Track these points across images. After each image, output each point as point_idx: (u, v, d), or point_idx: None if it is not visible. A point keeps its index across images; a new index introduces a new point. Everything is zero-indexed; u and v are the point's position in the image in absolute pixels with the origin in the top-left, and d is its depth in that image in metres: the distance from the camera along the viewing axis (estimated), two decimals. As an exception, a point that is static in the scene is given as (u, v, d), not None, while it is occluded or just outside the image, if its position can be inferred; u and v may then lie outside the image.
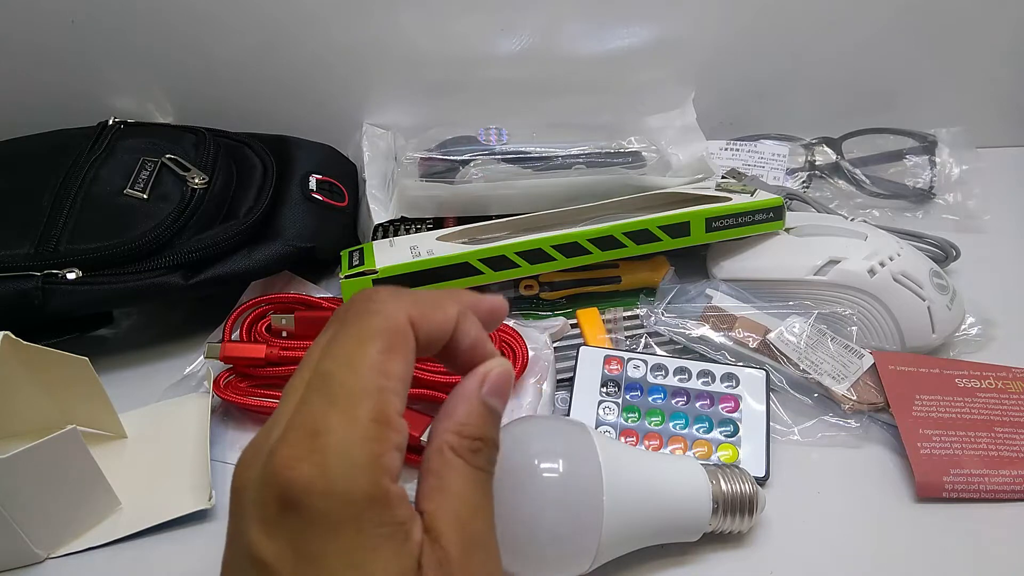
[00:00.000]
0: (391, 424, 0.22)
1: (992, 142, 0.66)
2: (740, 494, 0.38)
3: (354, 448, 0.21)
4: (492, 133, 0.58)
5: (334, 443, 0.21)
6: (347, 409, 0.22)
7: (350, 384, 0.22)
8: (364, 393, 0.22)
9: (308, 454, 0.21)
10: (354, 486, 0.21)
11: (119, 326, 0.53)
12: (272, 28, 0.59)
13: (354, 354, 0.23)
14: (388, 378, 0.23)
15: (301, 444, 0.21)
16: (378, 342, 0.23)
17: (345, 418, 0.22)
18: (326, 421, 0.22)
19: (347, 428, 0.22)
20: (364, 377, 0.22)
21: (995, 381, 0.46)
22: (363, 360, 0.23)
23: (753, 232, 0.50)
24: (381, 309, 0.24)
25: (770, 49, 0.62)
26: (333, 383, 0.22)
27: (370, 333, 0.23)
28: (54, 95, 0.61)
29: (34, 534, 0.38)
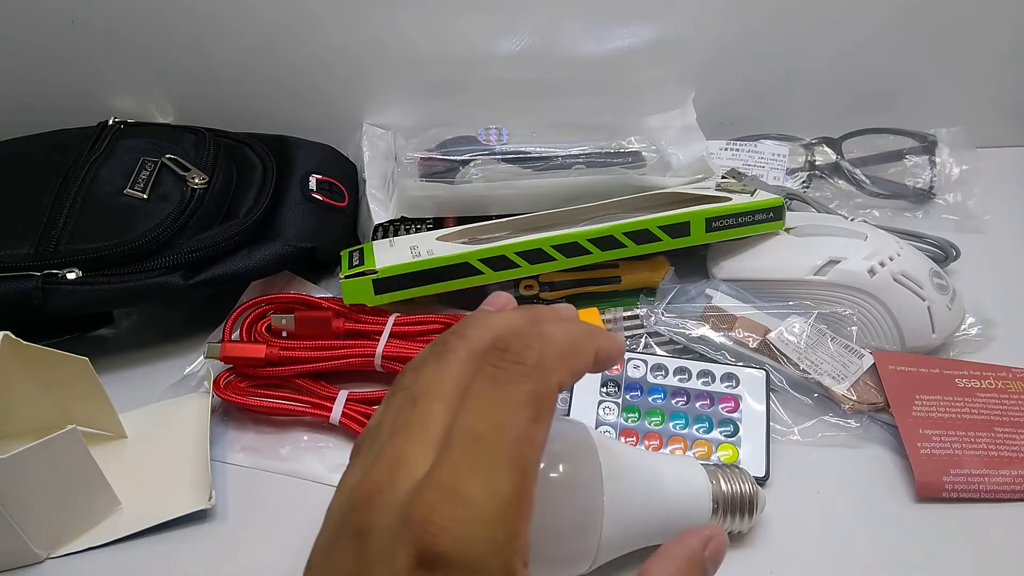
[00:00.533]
0: (529, 499, 0.22)
1: (992, 142, 0.66)
2: (740, 494, 0.38)
3: (495, 523, 0.21)
4: (492, 133, 0.58)
5: (477, 512, 0.21)
6: (492, 478, 0.21)
7: (499, 451, 0.22)
8: (510, 464, 0.22)
9: (451, 522, 0.21)
10: (488, 564, 0.21)
11: (119, 326, 0.53)
12: (272, 28, 0.59)
13: (505, 418, 0.22)
14: (533, 448, 0.22)
15: (443, 509, 0.21)
16: (530, 409, 0.22)
17: (489, 489, 0.21)
18: (469, 487, 0.21)
19: (490, 500, 0.21)
20: (512, 447, 0.22)
21: (995, 381, 0.46)
22: (514, 427, 0.22)
23: (753, 232, 0.50)
24: (535, 374, 0.23)
25: (770, 49, 0.62)
26: (481, 446, 0.22)
27: (524, 399, 0.22)
28: (54, 95, 0.61)
29: (34, 534, 0.38)
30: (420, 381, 0.25)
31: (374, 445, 0.24)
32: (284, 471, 0.44)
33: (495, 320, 0.26)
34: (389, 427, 0.24)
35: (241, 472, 0.44)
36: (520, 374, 0.23)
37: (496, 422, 0.22)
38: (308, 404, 0.46)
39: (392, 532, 0.21)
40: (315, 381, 0.47)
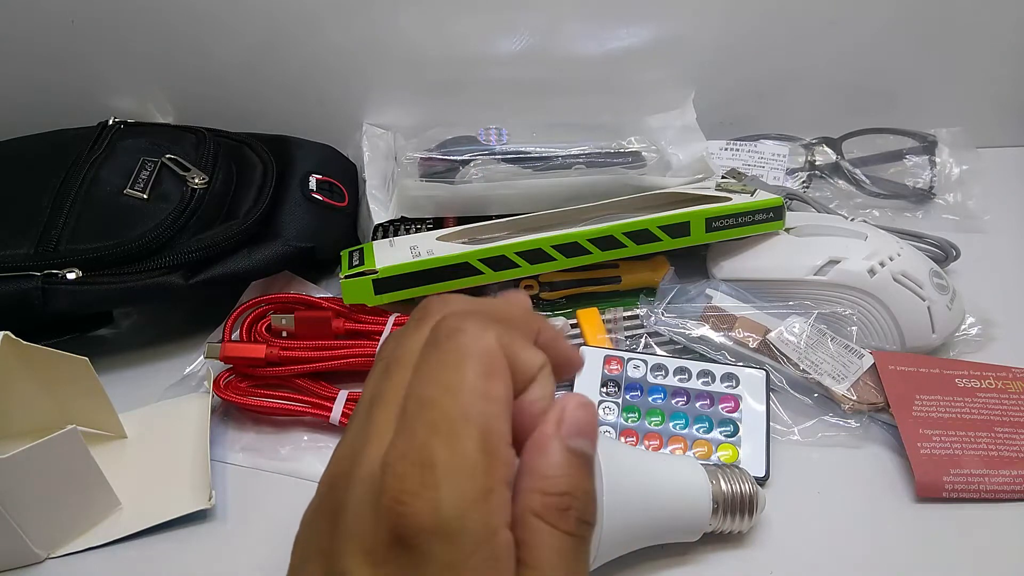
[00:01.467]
0: (498, 455, 0.21)
1: (992, 142, 0.66)
2: (740, 494, 0.38)
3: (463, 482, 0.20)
4: (492, 133, 0.58)
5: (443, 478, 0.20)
6: (452, 439, 0.20)
7: (452, 411, 0.21)
8: (467, 422, 0.21)
9: (420, 489, 0.20)
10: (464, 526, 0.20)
11: (119, 326, 0.53)
12: (272, 28, 0.59)
13: (452, 378, 0.21)
14: (490, 403, 0.21)
15: (411, 477, 0.20)
16: (475, 364, 0.21)
17: (451, 450, 0.20)
18: (432, 453, 0.20)
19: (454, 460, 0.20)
20: (466, 404, 0.21)
21: (995, 381, 0.46)
22: (462, 384, 0.21)
23: (753, 232, 0.50)
24: (466, 328, 0.22)
25: (770, 49, 0.62)
26: (434, 410, 0.21)
27: (464, 354, 0.21)
28: (54, 95, 0.61)
29: (34, 534, 0.38)
30: (395, 350, 0.24)
31: (356, 419, 0.24)
32: (284, 471, 0.44)
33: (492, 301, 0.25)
34: (367, 399, 0.24)
35: (241, 472, 0.44)
36: (462, 331, 0.22)
37: (443, 383, 0.21)
38: (308, 404, 0.46)
39: (364, 508, 0.21)
40: (315, 381, 0.47)
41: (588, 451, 0.22)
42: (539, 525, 0.21)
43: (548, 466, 0.22)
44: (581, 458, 0.22)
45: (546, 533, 0.21)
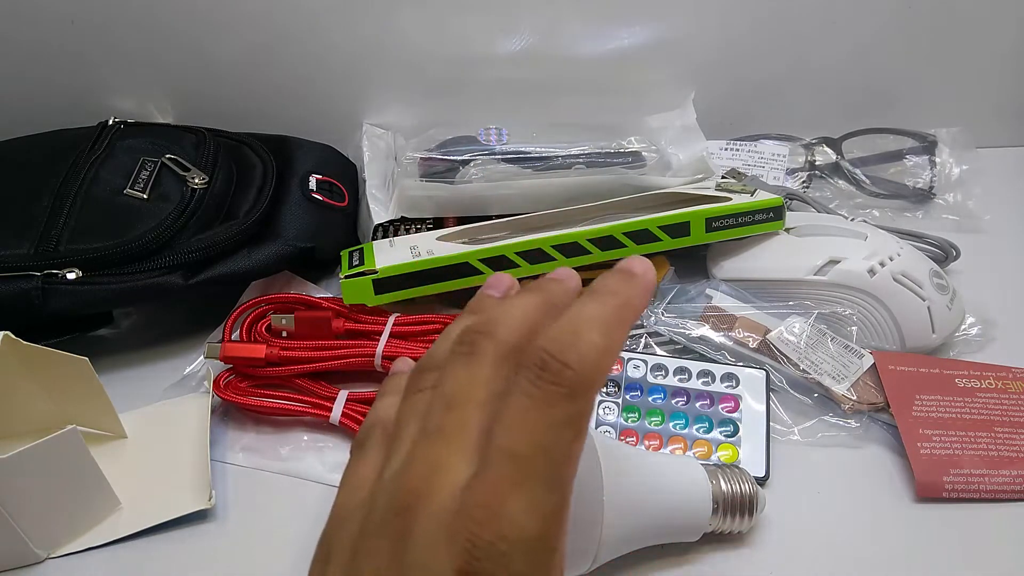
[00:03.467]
0: (566, 517, 0.22)
1: (992, 142, 0.66)
2: (740, 494, 0.38)
3: (537, 543, 0.21)
4: (492, 133, 0.58)
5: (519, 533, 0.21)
6: (535, 499, 0.21)
7: (540, 472, 0.22)
8: (553, 485, 0.22)
9: (496, 539, 0.21)
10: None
11: (119, 326, 0.53)
12: (272, 28, 0.59)
13: (547, 441, 0.22)
14: (572, 466, 0.22)
15: (489, 524, 0.21)
16: (572, 430, 0.22)
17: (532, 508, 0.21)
18: (512, 506, 0.21)
19: (533, 520, 0.21)
20: (555, 468, 0.22)
21: (995, 381, 0.46)
22: (556, 449, 0.22)
23: (753, 232, 0.50)
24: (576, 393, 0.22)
25: (770, 49, 0.62)
26: (523, 465, 0.22)
27: (564, 420, 0.22)
28: (54, 95, 0.61)
29: (34, 534, 0.38)
30: (449, 383, 0.24)
31: (400, 445, 0.24)
32: (284, 471, 0.44)
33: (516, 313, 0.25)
34: (417, 428, 0.24)
35: (241, 472, 0.44)
36: (560, 396, 0.22)
37: (538, 444, 0.22)
38: (308, 404, 0.46)
39: (435, 540, 0.21)
40: (315, 381, 0.47)
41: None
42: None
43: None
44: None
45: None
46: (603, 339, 0.23)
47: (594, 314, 0.23)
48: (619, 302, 0.24)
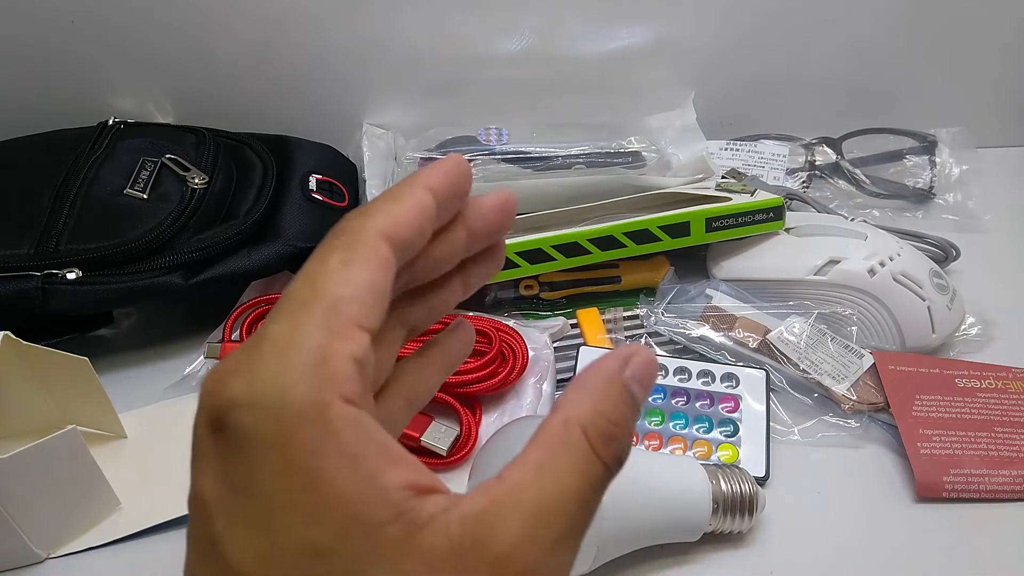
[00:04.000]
0: (344, 333, 0.19)
1: (992, 142, 0.66)
2: (740, 494, 0.38)
3: (291, 355, 0.18)
4: (492, 133, 0.58)
5: (268, 351, 0.18)
6: (293, 318, 0.19)
7: (302, 296, 0.19)
8: (314, 300, 0.19)
9: (240, 367, 0.18)
10: (286, 397, 0.17)
11: (119, 326, 0.53)
12: (272, 28, 0.59)
13: (311, 268, 0.20)
14: (347, 285, 0.19)
15: (237, 359, 0.18)
16: (338, 254, 0.20)
17: (287, 327, 0.18)
18: (267, 330, 0.19)
19: (287, 336, 0.18)
20: (318, 287, 0.19)
21: (995, 381, 0.46)
22: (320, 271, 0.20)
23: (753, 232, 0.50)
24: (344, 227, 0.21)
25: (770, 49, 0.62)
26: (287, 299, 0.19)
27: (330, 248, 0.20)
28: (54, 95, 0.61)
29: (34, 534, 0.38)
30: None
31: None
32: (284, 471, 0.44)
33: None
34: None
35: (241, 472, 0.44)
36: (331, 233, 0.21)
37: (303, 275, 0.20)
38: (308, 404, 0.45)
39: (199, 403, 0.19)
40: (315, 381, 0.47)
41: (641, 401, 0.21)
42: (580, 441, 0.19)
43: (605, 395, 0.20)
44: (635, 405, 0.21)
45: (582, 453, 0.19)
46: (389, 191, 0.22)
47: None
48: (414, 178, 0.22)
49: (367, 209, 0.21)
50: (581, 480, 0.19)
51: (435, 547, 0.17)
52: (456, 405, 0.44)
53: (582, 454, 0.19)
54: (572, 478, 0.19)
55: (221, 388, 0.18)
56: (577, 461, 0.19)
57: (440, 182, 0.21)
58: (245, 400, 0.18)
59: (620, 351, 0.21)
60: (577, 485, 0.19)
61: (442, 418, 0.44)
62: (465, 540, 0.17)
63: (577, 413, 0.20)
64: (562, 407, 0.20)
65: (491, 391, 0.45)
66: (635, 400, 0.21)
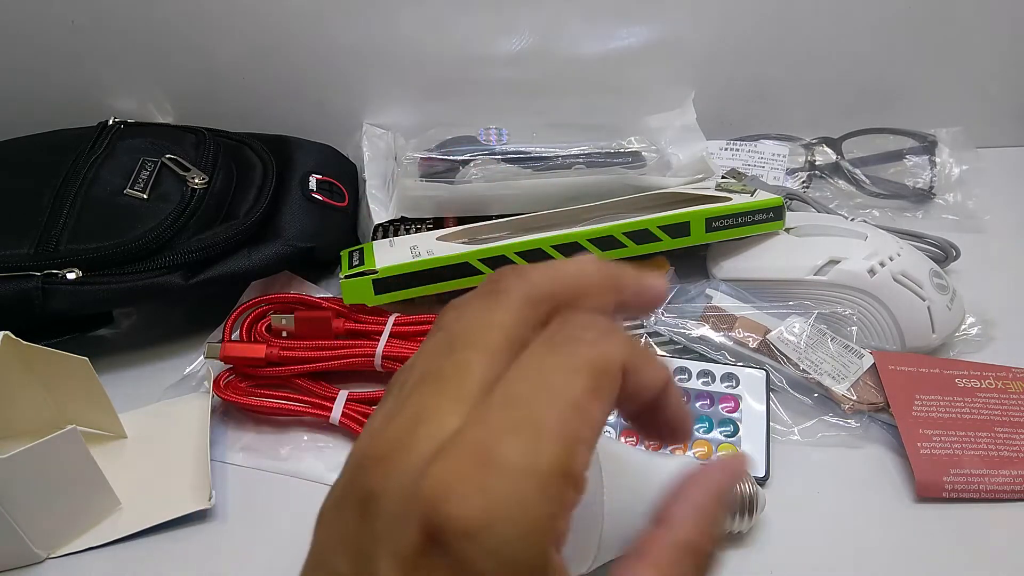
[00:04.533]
0: (577, 483, 0.18)
1: (992, 142, 0.66)
2: (740, 494, 0.38)
3: (530, 500, 0.17)
4: (492, 133, 0.58)
5: (508, 486, 0.17)
6: (532, 448, 0.17)
7: (543, 418, 0.18)
8: (557, 434, 0.17)
9: (475, 490, 0.17)
10: (517, 547, 0.17)
11: (119, 326, 0.53)
12: (272, 28, 0.59)
13: (555, 384, 0.18)
14: (586, 424, 0.18)
15: (468, 472, 0.17)
16: (587, 379, 0.18)
17: (528, 459, 0.17)
18: (504, 454, 0.17)
19: (527, 471, 0.17)
20: (562, 415, 0.18)
21: (995, 381, 0.46)
22: (565, 394, 0.18)
23: (753, 232, 0.50)
24: (597, 341, 0.19)
25: (770, 49, 0.62)
26: (522, 409, 0.18)
27: (579, 365, 0.18)
28: (54, 95, 0.61)
29: (34, 534, 0.38)
30: (461, 322, 0.20)
31: (400, 393, 0.20)
32: (284, 471, 0.44)
33: (565, 267, 0.21)
34: (418, 374, 0.20)
35: (241, 472, 0.44)
36: (583, 340, 0.19)
37: (545, 385, 0.18)
38: (308, 404, 0.46)
39: (403, 500, 0.17)
40: (315, 381, 0.47)
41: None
42: (687, 561, 0.20)
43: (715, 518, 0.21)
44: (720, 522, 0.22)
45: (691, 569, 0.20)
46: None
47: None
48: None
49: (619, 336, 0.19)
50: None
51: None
52: (456, 405, 0.44)
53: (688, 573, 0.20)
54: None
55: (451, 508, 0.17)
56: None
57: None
58: (479, 536, 0.17)
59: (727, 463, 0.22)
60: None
61: (442, 418, 0.44)
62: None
63: (686, 537, 0.20)
64: (670, 525, 0.20)
65: (491, 391, 0.45)
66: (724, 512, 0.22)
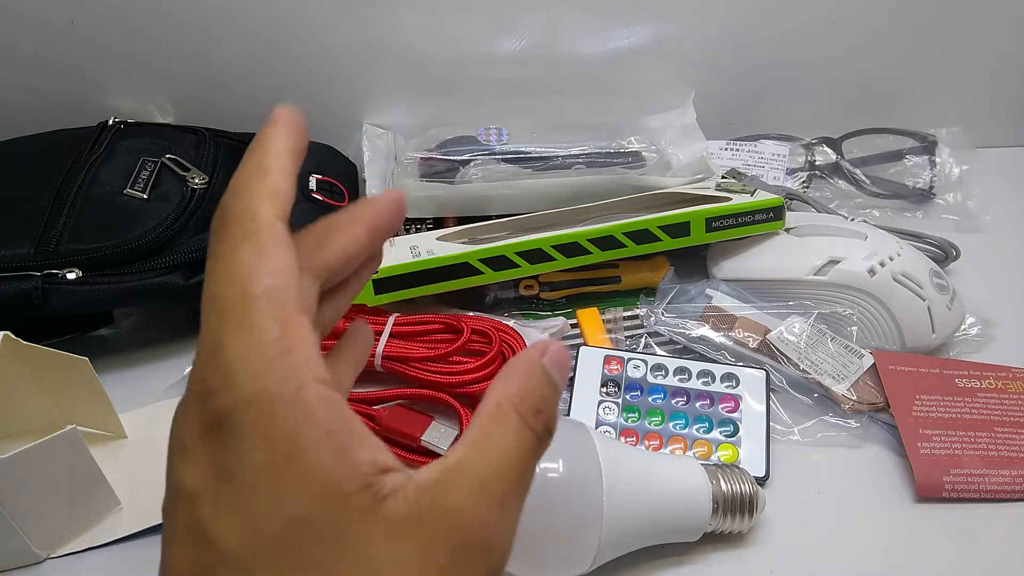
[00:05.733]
0: (290, 321, 0.21)
1: (992, 142, 0.66)
2: (740, 494, 0.38)
3: (254, 350, 0.20)
4: (492, 133, 0.58)
5: (233, 352, 0.20)
6: (239, 318, 0.20)
7: (232, 295, 0.21)
8: (249, 298, 0.21)
9: (214, 370, 0.20)
10: (264, 387, 0.20)
11: (119, 326, 0.53)
12: (272, 28, 0.59)
13: (226, 267, 0.21)
14: (268, 275, 0.21)
15: (207, 365, 0.21)
16: (247, 245, 0.21)
17: (237, 326, 0.20)
18: (221, 336, 0.20)
19: (241, 333, 0.20)
20: (243, 283, 0.21)
21: (995, 381, 0.46)
22: (237, 268, 0.21)
23: (753, 232, 0.50)
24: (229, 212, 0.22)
25: (770, 49, 0.62)
26: (219, 302, 0.21)
27: (236, 241, 0.21)
28: (54, 95, 0.61)
29: (34, 534, 0.38)
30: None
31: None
32: (284, 471, 0.44)
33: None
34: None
35: (241, 472, 0.44)
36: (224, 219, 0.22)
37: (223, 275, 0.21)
38: (308, 404, 0.45)
39: (178, 418, 0.22)
40: (315, 381, 0.47)
41: (560, 386, 0.24)
42: (512, 416, 0.22)
43: (531, 379, 0.23)
44: (555, 388, 0.24)
45: (514, 425, 0.22)
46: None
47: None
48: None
49: (241, 189, 0.22)
50: (517, 449, 0.22)
51: (396, 512, 0.20)
52: (456, 405, 0.44)
53: (515, 427, 0.22)
54: (509, 447, 0.22)
55: (207, 398, 0.20)
56: (511, 433, 0.22)
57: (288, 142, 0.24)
58: (232, 403, 0.20)
59: (537, 344, 0.24)
60: (514, 453, 0.22)
61: (442, 418, 0.44)
62: (422, 505, 0.20)
63: (506, 395, 0.23)
64: (492, 393, 0.23)
65: (491, 391, 0.45)
66: (553, 381, 0.24)
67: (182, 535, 0.20)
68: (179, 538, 0.20)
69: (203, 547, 0.20)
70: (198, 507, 0.20)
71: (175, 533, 0.21)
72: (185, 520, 0.20)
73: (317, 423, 0.20)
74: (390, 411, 0.44)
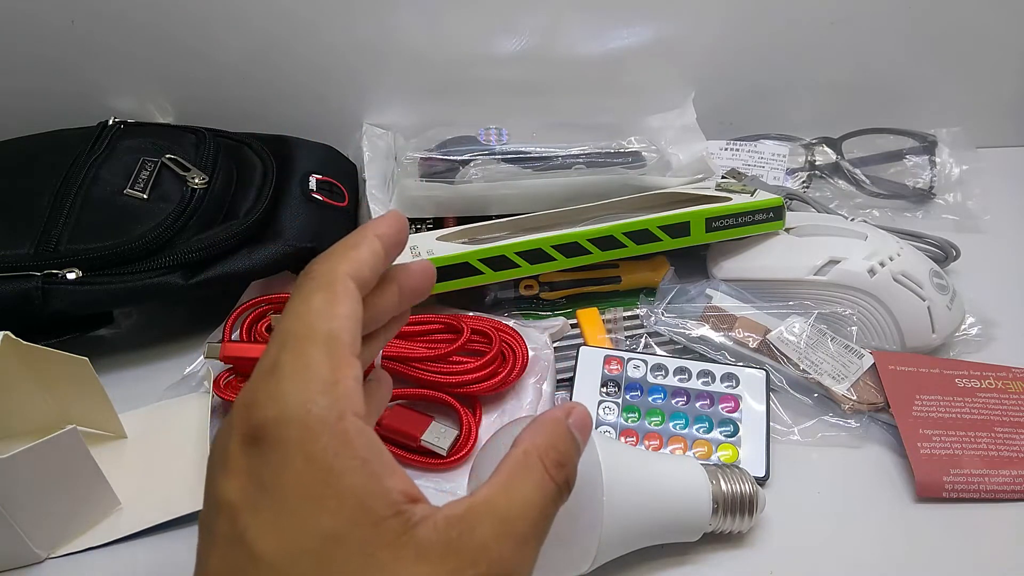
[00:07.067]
0: (343, 360, 0.23)
1: (992, 142, 0.66)
2: (740, 494, 0.38)
3: (308, 381, 0.22)
4: (492, 133, 0.58)
5: (287, 375, 0.22)
6: (298, 349, 0.23)
7: (299, 330, 0.24)
8: (313, 334, 0.23)
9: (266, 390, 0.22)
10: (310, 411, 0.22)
11: (119, 326, 0.53)
12: (272, 28, 0.59)
13: (300, 308, 0.24)
14: (334, 319, 0.24)
15: (260, 384, 0.23)
16: (319, 294, 0.24)
17: (296, 355, 0.23)
18: (279, 360, 0.23)
19: (298, 361, 0.23)
20: (311, 322, 0.24)
21: (995, 381, 0.46)
22: (308, 310, 0.24)
23: (753, 232, 0.50)
24: (315, 271, 0.25)
25: (770, 49, 0.62)
26: (285, 334, 0.24)
27: (309, 290, 0.25)
28: (54, 95, 0.61)
29: (34, 534, 0.38)
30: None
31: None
32: (284, 471, 0.44)
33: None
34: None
35: (241, 472, 0.44)
36: (306, 277, 0.25)
37: (294, 314, 0.24)
38: (308, 404, 0.45)
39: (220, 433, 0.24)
40: (315, 381, 0.47)
41: (582, 445, 0.27)
42: (537, 465, 0.25)
43: (556, 436, 0.26)
44: (577, 446, 0.27)
45: (538, 473, 0.25)
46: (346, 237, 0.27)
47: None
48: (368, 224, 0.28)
49: (330, 255, 0.26)
50: (539, 495, 0.24)
51: (427, 539, 0.22)
52: (456, 405, 0.44)
53: (539, 475, 0.25)
54: (532, 493, 0.24)
55: (253, 411, 0.22)
56: (536, 480, 0.25)
57: (386, 231, 0.27)
58: (276, 418, 0.22)
59: (564, 405, 0.28)
60: (537, 499, 0.24)
61: (442, 418, 0.44)
62: (451, 535, 0.22)
63: (534, 444, 0.25)
64: (520, 442, 0.26)
65: (491, 391, 0.45)
66: (576, 441, 0.27)
67: (221, 543, 0.22)
68: (217, 546, 0.22)
69: (241, 553, 0.21)
70: (238, 516, 0.22)
71: (214, 541, 0.22)
72: (224, 530, 0.22)
73: (354, 450, 0.22)
74: (390, 411, 0.44)
